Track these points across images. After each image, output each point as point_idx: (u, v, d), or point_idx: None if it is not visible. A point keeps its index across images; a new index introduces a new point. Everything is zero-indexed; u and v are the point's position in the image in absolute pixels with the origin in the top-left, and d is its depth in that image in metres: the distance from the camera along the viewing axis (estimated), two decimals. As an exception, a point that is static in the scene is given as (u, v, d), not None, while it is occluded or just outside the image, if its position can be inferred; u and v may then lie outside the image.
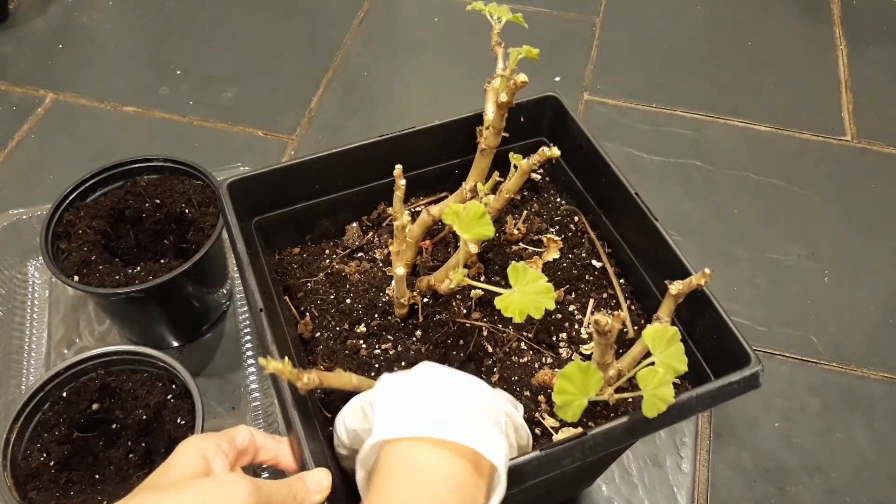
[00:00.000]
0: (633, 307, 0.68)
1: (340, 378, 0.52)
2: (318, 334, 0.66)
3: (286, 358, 0.46)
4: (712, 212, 1.08)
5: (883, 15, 1.41)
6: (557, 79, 1.26)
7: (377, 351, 0.64)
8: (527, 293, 0.50)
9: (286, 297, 0.70)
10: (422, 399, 0.45)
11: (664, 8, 1.43)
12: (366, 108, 1.23)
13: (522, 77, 0.61)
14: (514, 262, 0.69)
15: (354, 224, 0.75)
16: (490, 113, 0.66)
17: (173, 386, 0.72)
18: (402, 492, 0.41)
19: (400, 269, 0.57)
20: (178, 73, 1.27)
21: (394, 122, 1.20)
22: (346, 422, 0.50)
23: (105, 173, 0.85)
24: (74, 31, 1.35)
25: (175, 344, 0.90)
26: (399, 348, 0.63)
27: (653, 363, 0.47)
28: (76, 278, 0.77)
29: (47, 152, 1.14)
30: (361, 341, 0.64)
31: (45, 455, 0.67)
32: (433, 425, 0.43)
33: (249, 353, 0.86)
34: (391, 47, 1.34)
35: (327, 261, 0.73)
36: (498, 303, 0.50)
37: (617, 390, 0.51)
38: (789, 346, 0.93)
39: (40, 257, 0.84)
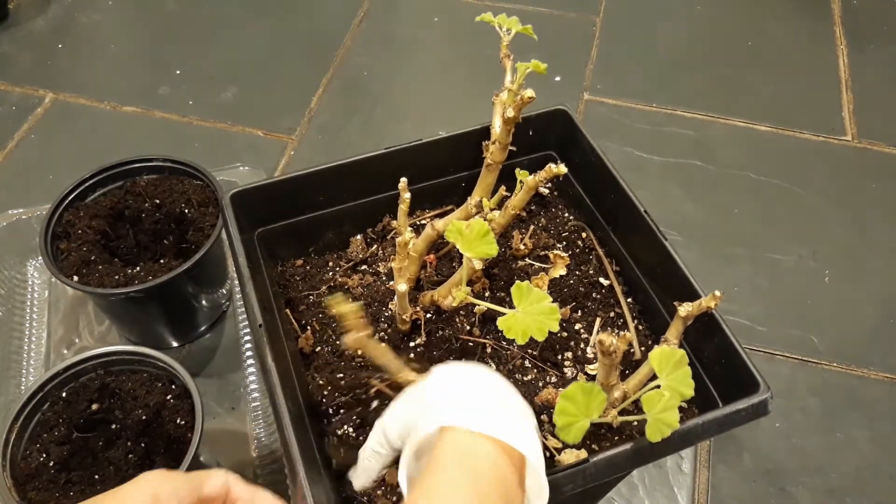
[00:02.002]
0: (640, 327, 0.67)
1: (378, 349, 0.51)
2: (318, 349, 0.65)
3: (355, 304, 0.44)
4: (712, 212, 1.08)
5: (883, 14, 1.41)
6: (557, 78, 1.26)
7: (374, 364, 0.63)
8: (530, 314, 0.49)
9: (287, 311, 0.69)
10: (478, 394, 0.47)
11: (664, 8, 1.43)
12: (366, 107, 1.23)
13: (529, 93, 0.60)
14: (519, 278, 0.69)
15: (359, 236, 0.74)
16: (497, 127, 0.66)
17: (173, 386, 0.72)
18: (450, 477, 0.42)
19: (402, 286, 0.56)
20: (178, 73, 1.27)
21: (394, 122, 1.20)
22: (400, 413, 0.50)
23: (105, 173, 0.85)
24: (74, 31, 1.35)
25: (175, 344, 0.90)
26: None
27: (658, 386, 0.46)
28: (76, 278, 0.77)
29: (47, 152, 1.14)
30: (359, 352, 0.63)
31: (44, 455, 0.67)
32: (490, 422, 0.44)
33: (249, 353, 0.86)
34: (391, 47, 1.34)
35: (330, 273, 0.72)
36: (500, 323, 0.49)
37: (622, 413, 0.50)
38: (790, 347, 0.93)
39: (40, 257, 0.83)
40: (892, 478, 0.82)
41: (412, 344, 0.63)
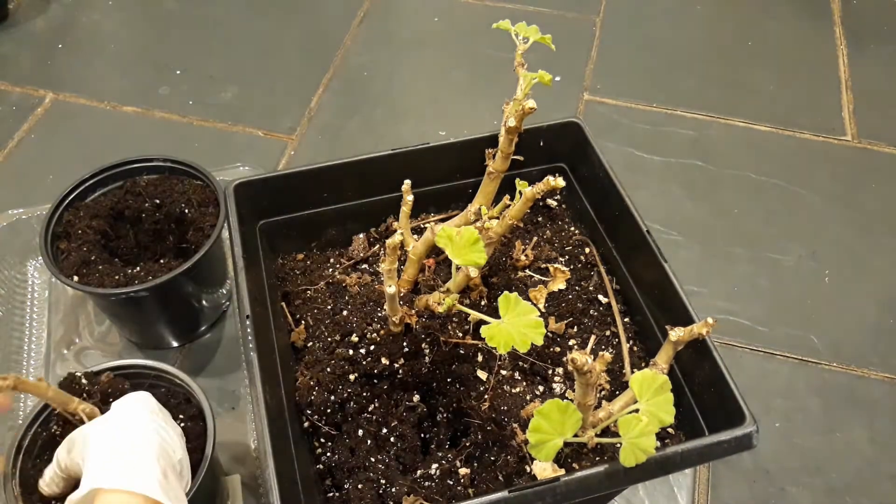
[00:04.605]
0: (635, 348, 0.66)
1: (38, 388, 0.57)
2: (310, 343, 0.65)
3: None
4: (712, 212, 1.08)
5: (883, 14, 1.41)
6: (558, 78, 1.26)
7: (363, 363, 0.62)
8: (515, 325, 0.48)
9: (283, 304, 0.69)
10: (122, 451, 0.54)
11: (664, 8, 1.43)
12: (366, 108, 1.22)
13: (530, 104, 0.60)
14: (518, 289, 0.69)
15: (361, 235, 0.74)
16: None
17: (189, 403, 0.70)
18: None
19: (391, 288, 0.56)
20: (178, 73, 1.27)
21: (394, 122, 1.20)
22: (64, 450, 0.59)
23: (105, 173, 0.85)
24: (74, 31, 1.35)
25: (175, 344, 0.90)
26: (386, 362, 0.62)
27: (637, 410, 0.46)
28: (76, 278, 0.77)
29: (47, 152, 1.14)
30: (350, 351, 0.63)
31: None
32: (126, 479, 0.52)
33: (249, 353, 0.86)
34: (391, 47, 1.34)
35: (330, 269, 0.72)
36: (484, 331, 0.49)
37: (602, 434, 0.49)
38: (790, 347, 0.93)
39: (40, 257, 0.83)
40: (892, 478, 0.82)
41: (403, 345, 0.63)
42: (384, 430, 0.61)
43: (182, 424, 0.69)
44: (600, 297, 0.70)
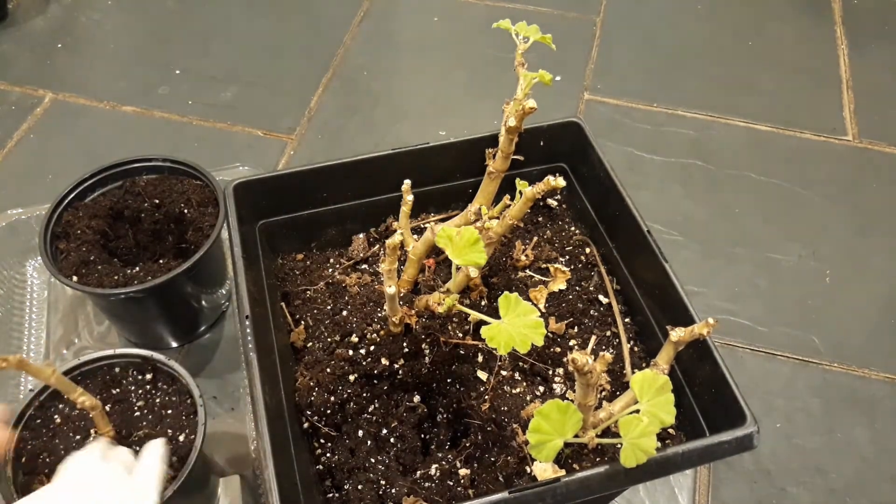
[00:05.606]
0: (636, 348, 0.66)
1: (42, 371, 0.55)
2: (310, 344, 0.65)
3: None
4: (713, 212, 1.08)
5: (884, 14, 1.41)
6: (558, 78, 1.26)
7: (363, 364, 0.62)
8: (515, 325, 0.48)
9: (283, 304, 0.69)
10: None
11: (665, 8, 1.43)
12: (366, 108, 1.22)
13: (531, 103, 0.60)
14: (518, 289, 0.68)
15: (361, 235, 0.74)
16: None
17: (182, 394, 0.71)
18: None
19: (391, 289, 0.55)
20: (178, 72, 1.27)
21: (393, 122, 1.20)
22: None
23: (104, 173, 0.85)
24: (74, 31, 1.35)
25: (174, 344, 0.89)
26: (386, 362, 0.62)
27: (638, 411, 0.46)
28: (75, 278, 0.77)
29: (46, 152, 1.14)
30: (350, 351, 0.63)
31: (52, 456, 0.67)
32: None
33: (249, 353, 0.86)
34: (391, 47, 1.34)
35: (330, 270, 0.72)
36: (484, 332, 0.49)
37: (603, 435, 0.49)
38: (790, 347, 0.93)
39: (39, 257, 0.83)
40: (892, 478, 0.82)
41: (403, 346, 0.63)
42: (384, 431, 0.61)
43: (171, 411, 0.69)
44: (601, 297, 0.69)
